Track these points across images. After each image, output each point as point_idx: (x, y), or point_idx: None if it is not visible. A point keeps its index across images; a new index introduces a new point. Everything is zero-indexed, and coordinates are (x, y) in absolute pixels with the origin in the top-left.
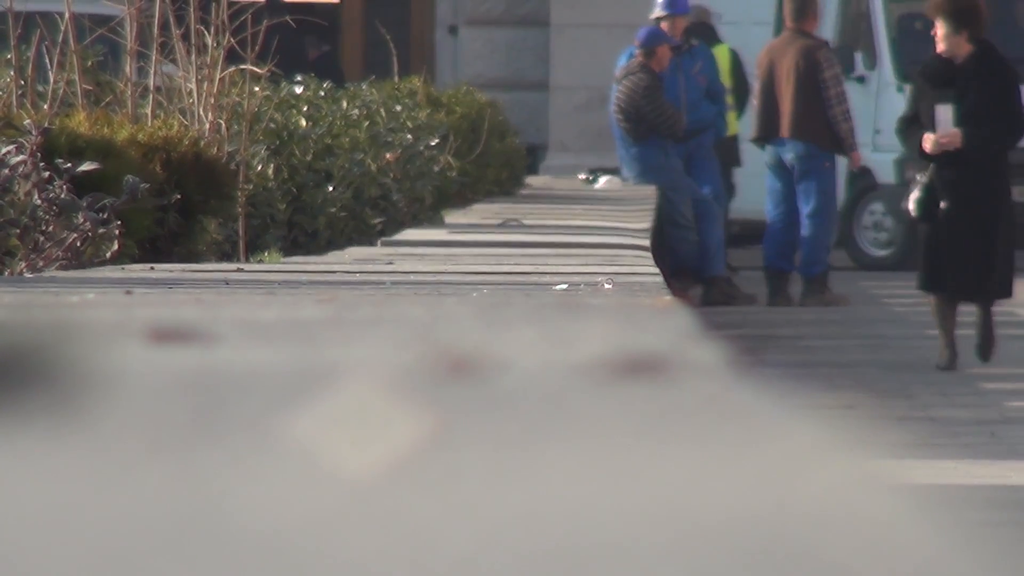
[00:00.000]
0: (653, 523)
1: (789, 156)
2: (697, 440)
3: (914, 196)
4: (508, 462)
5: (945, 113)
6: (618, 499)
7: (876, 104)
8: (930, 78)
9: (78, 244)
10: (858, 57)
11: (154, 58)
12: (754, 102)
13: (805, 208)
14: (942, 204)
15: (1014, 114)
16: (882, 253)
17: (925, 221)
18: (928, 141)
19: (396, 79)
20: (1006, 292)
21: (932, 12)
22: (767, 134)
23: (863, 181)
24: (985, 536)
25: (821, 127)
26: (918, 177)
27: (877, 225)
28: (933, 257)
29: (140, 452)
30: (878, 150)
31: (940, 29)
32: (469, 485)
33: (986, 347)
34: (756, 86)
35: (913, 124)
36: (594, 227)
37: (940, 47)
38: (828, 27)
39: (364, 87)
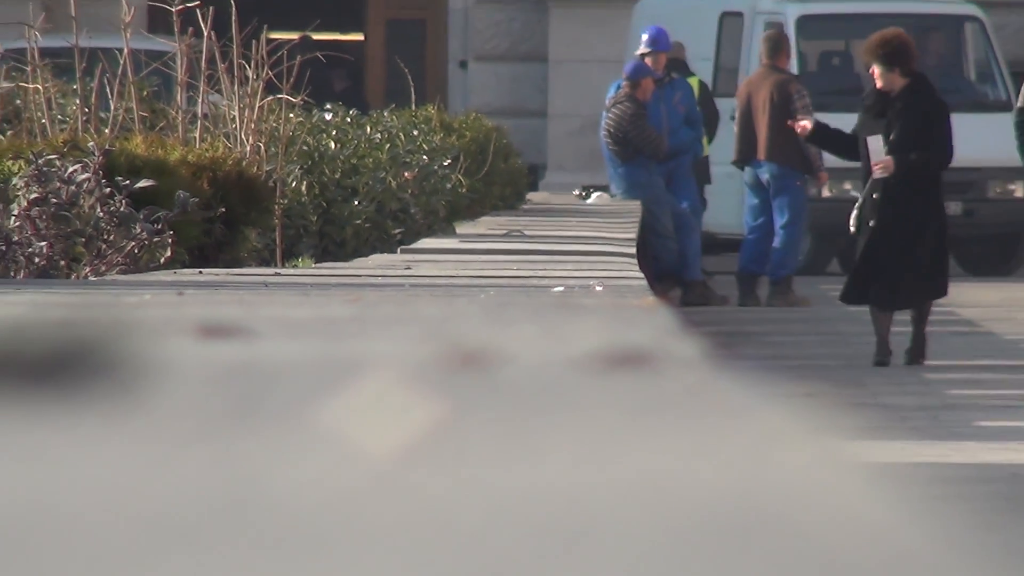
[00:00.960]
0: (640, 497)
1: (765, 176)
2: (678, 424)
3: (854, 217)
4: (511, 443)
5: (875, 143)
6: (608, 476)
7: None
8: (869, 109)
9: (135, 251)
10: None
11: (202, 89)
12: (734, 129)
13: (779, 220)
14: (871, 222)
15: (941, 141)
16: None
17: (862, 236)
18: (880, 164)
19: (413, 107)
20: (943, 292)
21: (867, 56)
22: (746, 157)
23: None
24: (929, 508)
25: (793, 151)
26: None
27: None
28: (859, 269)
29: (189, 433)
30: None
31: (876, 69)
32: (477, 463)
33: (917, 351)
34: (736, 114)
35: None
36: (586, 237)
37: (879, 83)
38: (751, 62)
39: (385, 114)
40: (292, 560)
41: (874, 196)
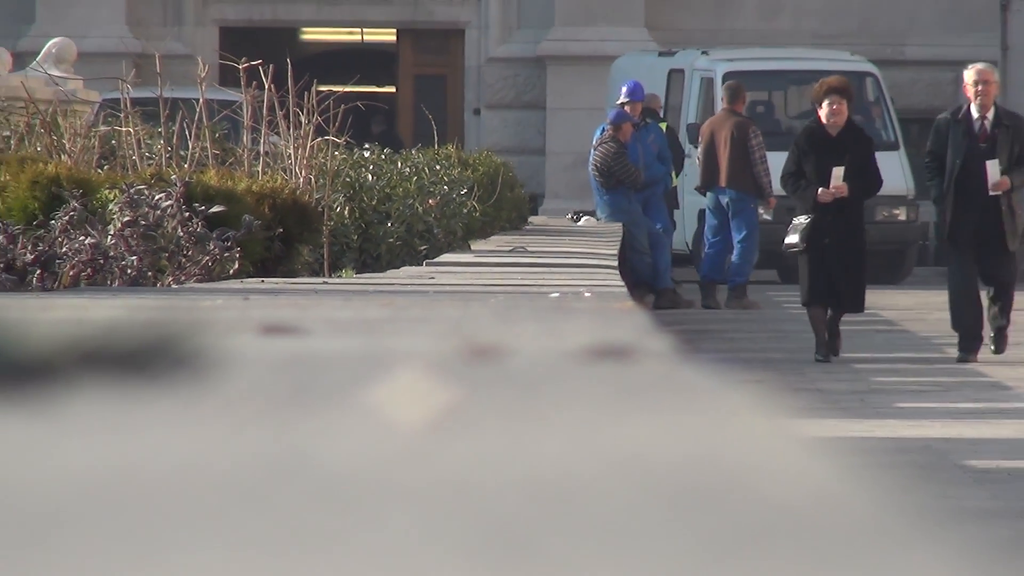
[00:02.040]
0: (622, 464)
1: (725, 199)
2: (653, 404)
3: (800, 236)
4: (516, 420)
5: (838, 170)
6: (596, 446)
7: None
8: (814, 144)
9: (209, 264)
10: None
11: (263, 131)
12: (697, 161)
13: (737, 236)
14: (826, 240)
15: (876, 172)
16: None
17: (807, 253)
18: (826, 194)
19: (436, 147)
20: (862, 306)
21: (827, 93)
22: (709, 184)
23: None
24: (857, 473)
25: (748, 180)
26: (797, 221)
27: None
28: (813, 280)
29: (251, 412)
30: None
31: (836, 105)
32: (489, 436)
33: (835, 345)
34: (699, 150)
35: (800, 178)
36: (577, 252)
37: (831, 119)
38: (691, 109)
39: (413, 152)
40: (334, 515)
41: (819, 217)
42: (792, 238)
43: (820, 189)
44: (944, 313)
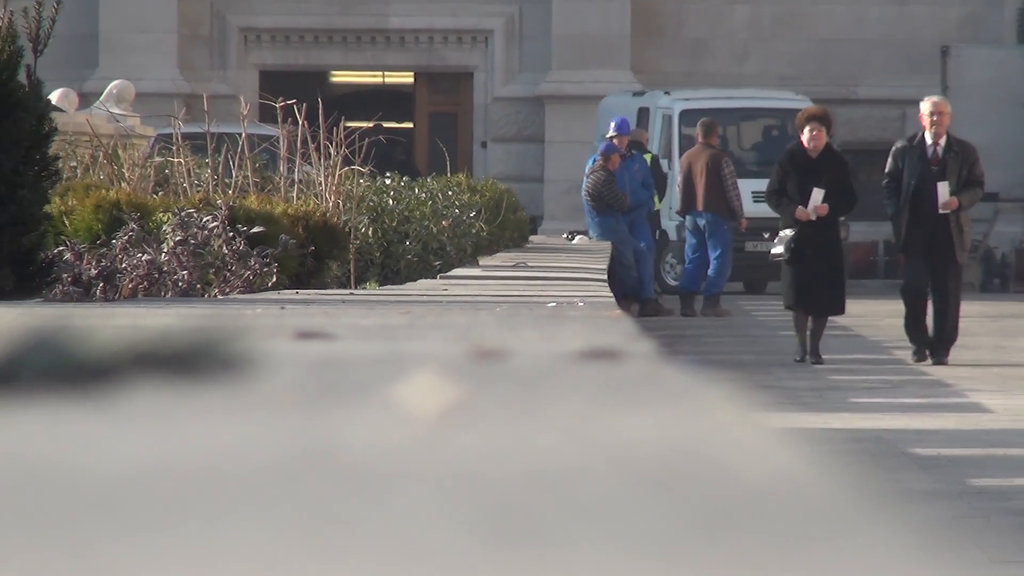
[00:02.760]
0: (610, 451)
1: (702, 221)
2: (638, 399)
3: (784, 247)
4: (517, 413)
5: (818, 193)
6: (587, 436)
7: (671, 192)
8: (797, 165)
9: (250, 278)
10: (665, 162)
11: (297, 162)
12: (676, 189)
13: (713, 253)
14: (807, 251)
15: (851, 190)
16: (674, 283)
17: (791, 263)
18: (803, 212)
19: (448, 175)
20: (842, 309)
21: (808, 120)
22: (688, 208)
23: (664, 239)
24: (816, 460)
25: (722, 204)
26: (783, 233)
27: (671, 266)
28: (797, 286)
29: (287, 407)
30: (672, 219)
31: (815, 131)
32: (493, 426)
33: (816, 349)
34: (679, 179)
35: (783, 196)
36: (572, 267)
37: (811, 143)
38: (654, 142)
39: (428, 180)
40: (359, 496)
41: (801, 230)
42: (777, 249)
43: (799, 208)
44: (892, 319)
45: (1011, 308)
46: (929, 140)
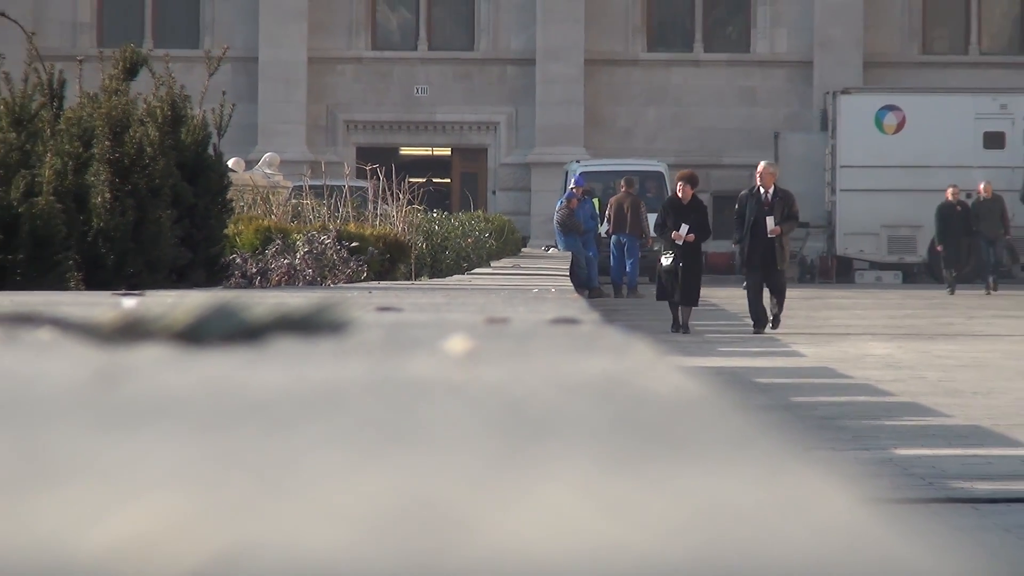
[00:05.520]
0: (574, 381)
1: (624, 240)
2: (589, 348)
3: (672, 260)
4: (515, 359)
5: (684, 228)
6: (560, 374)
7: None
8: (673, 208)
9: (350, 274)
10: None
11: (379, 203)
12: (607, 221)
13: (629, 261)
14: (679, 264)
15: (708, 226)
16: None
17: (669, 272)
18: (677, 235)
19: (472, 211)
20: (696, 302)
21: (682, 179)
22: (616, 231)
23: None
24: (701, 381)
25: (637, 229)
26: (664, 254)
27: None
28: (660, 287)
29: (372, 354)
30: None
31: (684, 187)
32: (499, 365)
33: (686, 324)
34: (610, 213)
35: (665, 227)
36: (547, 267)
37: (683, 194)
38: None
39: (459, 214)
40: (422, 404)
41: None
42: (665, 261)
43: (674, 232)
44: (744, 302)
45: (817, 293)
46: (763, 190)
